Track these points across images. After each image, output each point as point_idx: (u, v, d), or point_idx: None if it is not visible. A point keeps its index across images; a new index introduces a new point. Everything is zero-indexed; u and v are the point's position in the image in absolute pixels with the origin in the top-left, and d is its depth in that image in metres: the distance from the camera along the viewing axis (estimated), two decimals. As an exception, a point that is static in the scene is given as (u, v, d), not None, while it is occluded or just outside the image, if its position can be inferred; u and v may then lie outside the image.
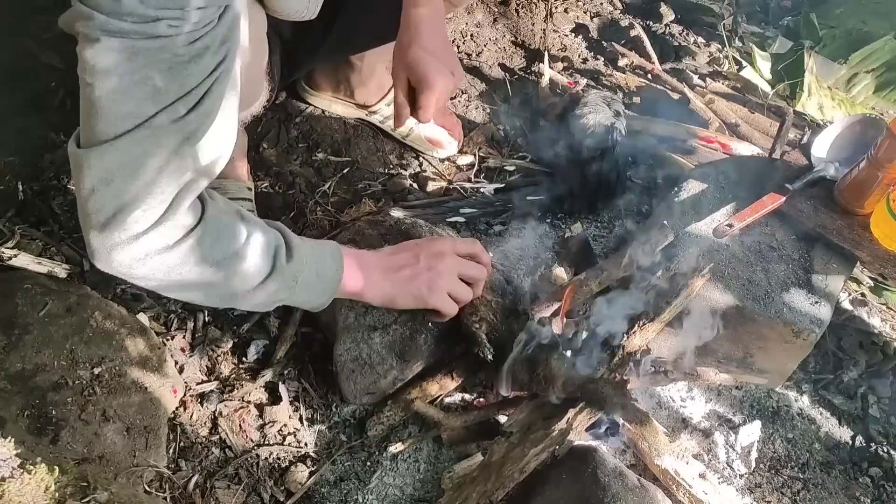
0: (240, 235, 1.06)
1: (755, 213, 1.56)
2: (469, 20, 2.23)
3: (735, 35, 2.52)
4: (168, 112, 0.90)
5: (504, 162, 1.93)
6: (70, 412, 1.23)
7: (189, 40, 0.88)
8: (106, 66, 0.86)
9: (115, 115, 0.88)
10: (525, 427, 1.24)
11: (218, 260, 1.04)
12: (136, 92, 0.88)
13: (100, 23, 0.83)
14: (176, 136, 0.92)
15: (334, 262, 1.20)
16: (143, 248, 0.97)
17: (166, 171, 0.93)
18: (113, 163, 0.90)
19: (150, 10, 0.83)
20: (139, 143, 0.90)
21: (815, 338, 1.47)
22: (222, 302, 1.14)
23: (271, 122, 1.86)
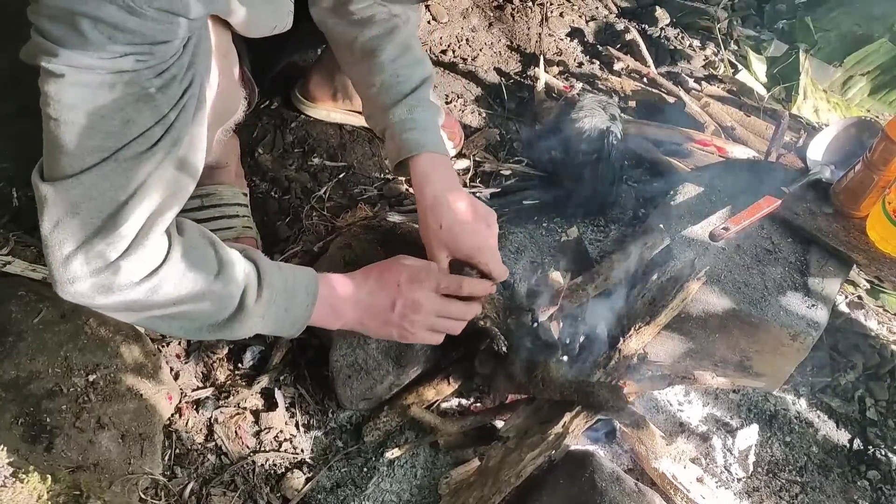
0: (207, 274, 1.03)
1: (751, 216, 1.56)
2: (465, 24, 2.23)
3: (730, 38, 2.52)
4: (136, 144, 0.89)
5: (500, 166, 1.92)
6: (64, 420, 1.22)
7: (156, 72, 0.88)
8: (72, 102, 0.85)
9: (81, 149, 0.88)
10: (521, 432, 1.24)
11: (181, 298, 1.02)
12: (103, 126, 0.88)
13: (64, 58, 0.83)
14: (144, 167, 0.91)
15: (306, 298, 1.17)
16: (106, 282, 0.95)
17: (132, 203, 0.92)
18: (79, 196, 0.89)
19: (118, 46, 0.83)
20: (106, 177, 0.89)
21: (811, 341, 1.47)
22: (186, 335, 1.13)
23: (266, 128, 1.85)
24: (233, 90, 1.24)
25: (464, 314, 1.27)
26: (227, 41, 1.12)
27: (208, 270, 1.03)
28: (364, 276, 1.25)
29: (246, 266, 1.09)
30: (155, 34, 0.85)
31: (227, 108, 1.24)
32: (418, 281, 1.23)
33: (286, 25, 1.16)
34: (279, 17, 1.15)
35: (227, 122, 1.29)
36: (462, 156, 1.93)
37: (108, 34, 0.83)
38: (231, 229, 1.56)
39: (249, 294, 1.08)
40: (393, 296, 1.22)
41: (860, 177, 1.55)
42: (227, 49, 1.13)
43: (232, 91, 1.23)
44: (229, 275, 1.06)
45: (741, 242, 1.57)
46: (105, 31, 0.82)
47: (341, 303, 1.22)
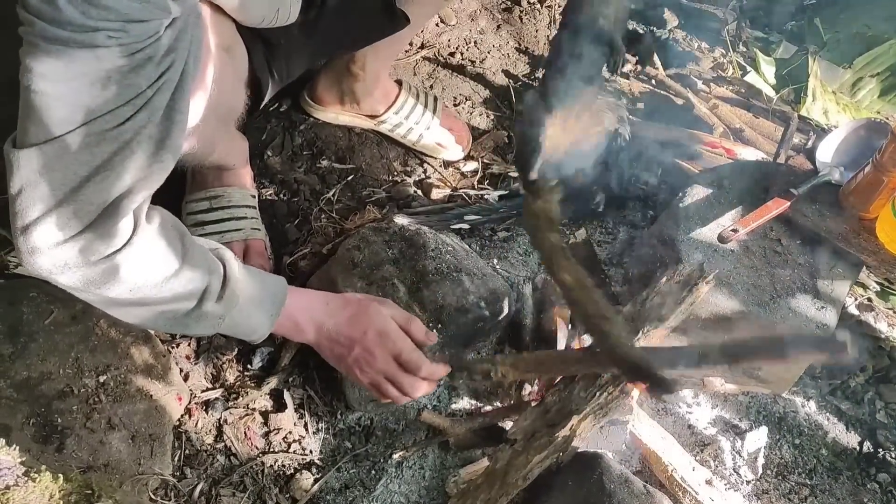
0: (168, 266, 1.03)
1: (760, 217, 1.56)
2: (472, 27, 2.23)
3: (739, 40, 2.51)
4: (102, 121, 0.89)
5: (508, 168, 1.93)
6: (75, 420, 1.23)
7: (130, 52, 0.87)
8: (43, 72, 0.85)
9: (48, 119, 0.88)
10: (529, 434, 1.24)
11: (138, 286, 1.01)
12: (71, 99, 0.87)
13: (39, 29, 0.83)
14: (109, 145, 0.91)
15: (271, 308, 1.18)
16: (63, 256, 0.94)
17: (95, 179, 0.91)
18: (41, 165, 0.89)
19: (91, 21, 0.83)
20: (69, 150, 0.89)
21: (821, 343, 1.46)
22: (142, 324, 1.12)
23: (275, 130, 1.86)
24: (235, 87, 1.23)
25: (411, 391, 1.27)
26: (230, 33, 1.11)
27: (170, 263, 1.03)
28: (339, 306, 1.27)
29: (212, 265, 1.09)
30: (130, 12, 0.84)
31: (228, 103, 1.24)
32: (383, 338, 1.24)
33: (285, 19, 1.15)
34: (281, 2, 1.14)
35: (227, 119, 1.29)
36: (470, 158, 1.94)
37: (82, 9, 0.82)
38: (240, 231, 1.56)
39: (210, 294, 1.07)
40: (355, 339, 1.24)
41: (869, 178, 1.54)
42: (230, 43, 1.13)
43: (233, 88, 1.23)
44: (191, 271, 1.05)
45: (750, 244, 1.57)
46: (79, 5, 0.82)
47: (306, 322, 1.24)
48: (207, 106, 1.07)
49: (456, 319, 1.46)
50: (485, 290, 1.51)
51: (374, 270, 1.50)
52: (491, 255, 1.73)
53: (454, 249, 1.57)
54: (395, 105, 1.83)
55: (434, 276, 1.49)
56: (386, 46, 1.60)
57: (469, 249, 1.64)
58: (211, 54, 1.01)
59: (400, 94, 1.84)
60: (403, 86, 1.86)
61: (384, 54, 1.73)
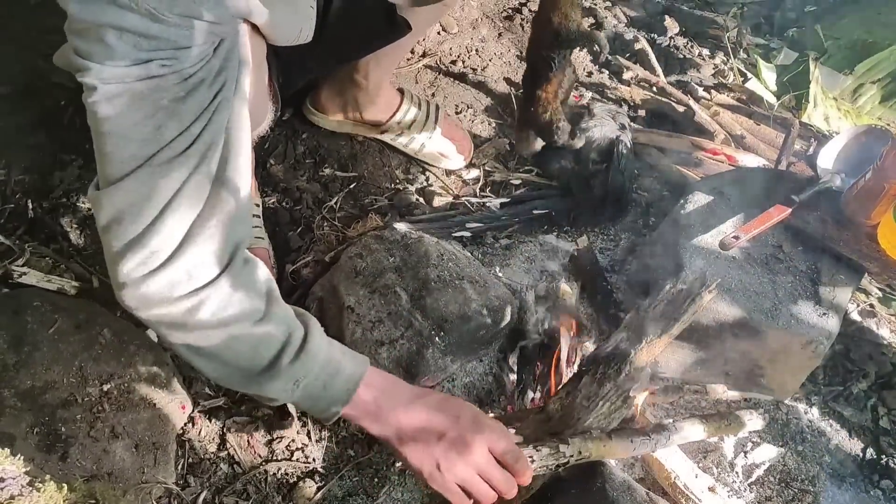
0: (250, 313, 0.99)
1: (761, 224, 1.56)
2: (474, 35, 2.24)
3: (740, 47, 2.52)
4: (168, 149, 0.90)
5: (510, 176, 1.93)
6: (79, 429, 1.24)
7: (183, 77, 0.89)
8: (107, 114, 0.87)
9: (119, 158, 0.90)
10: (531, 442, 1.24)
11: (216, 331, 0.97)
12: (136, 134, 0.89)
13: (95, 72, 0.85)
14: (179, 172, 0.91)
15: (348, 382, 1.07)
16: (148, 291, 0.93)
17: (172, 208, 0.92)
18: (121, 202, 0.91)
19: (143, 54, 0.85)
20: (143, 183, 0.90)
21: (823, 349, 1.47)
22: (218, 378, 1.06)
23: (278, 139, 1.87)
24: (262, 101, 1.25)
25: (505, 489, 1.09)
26: (262, 50, 1.13)
27: (253, 310, 0.99)
28: (426, 392, 1.14)
29: (294, 324, 1.04)
30: (178, 39, 0.87)
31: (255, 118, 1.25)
32: (480, 425, 1.09)
33: (306, 38, 1.17)
34: (302, 20, 1.15)
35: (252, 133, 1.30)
36: (472, 166, 1.94)
37: (133, 42, 0.84)
38: (243, 240, 1.57)
39: (287, 352, 1.02)
40: (447, 426, 1.08)
41: (871, 185, 1.54)
42: (261, 60, 1.15)
43: (261, 102, 1.25)
44: (272, 324, 1.01)
45: (751, 251, 1.57)
46: (130, 39, 0.84)
47: (387, 402, 1.09)
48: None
49: (458, 327, 1.46)
50: (487, 297, 1.51)
51: (376, 278, 1.50)
52: (493, 262, 1.73)
53: (456, 257, 1.57)
54: (398, 114, 1.84)
55: (436, 284, 1.49)
56: (388, 55, 1.61)
57: (471, 257, 1.64)
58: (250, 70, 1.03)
59: (402, 102, 1.85)
60: (406, 95, 1.87)
61: (386, 63, 1.74)
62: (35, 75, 1.77)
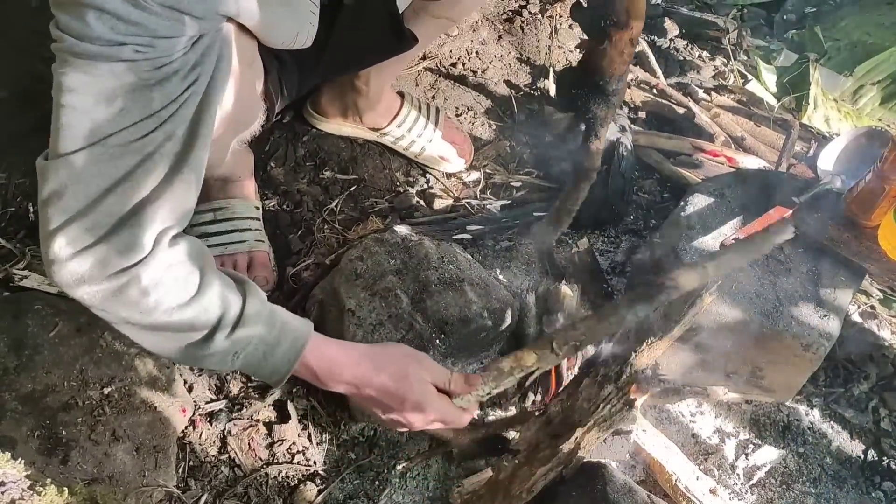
0: (182, 292, 0.99)
1: (761, 226, 1.56)
2: (474, 37, 2.24)
3: (740, 49, 2.52)
4: (126, 133, 0.90)
5: (510, 178, 1.93)
6: (80, 432, 1.24)
7: (155, 65, 0.89)
8: (71, 86, 0.88)
9: (74, 131, 0.90)
10: (532, 445, 1.24)
11: (150, 308, 0.98)
12: (97, 112, 0.89)
13: (68, 45, 0.86)
14: (132, 157, 0.91)
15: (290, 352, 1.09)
16: (80, 268, 0.93)
17: (115, 191, 0.92)
18: (66, 176, 0.90)
19: (119, 36, 0.85)
20: (93, 161, 0.90)
21: (824, 351, 1.47)
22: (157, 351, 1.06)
23: (279, 142, 1.87)
24: (252, 101, 1.25)
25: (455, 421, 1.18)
26: (252, 50, 1.13)
27: (185, 289, 0.99)
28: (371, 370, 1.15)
29: (229, 300, 1.04)
30: (158, 28, 0.87)
31: (244, 118, 1.25)
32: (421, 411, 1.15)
33: (304, 43, 1.17)
34: (300, 24, 1.15)
35: (242, 133, 1.30)
36: (473, 168, 1.94)
37: (111, 24, 0.85)
38: (243, 243, 1.57)
39: (221, 328, 1.02)
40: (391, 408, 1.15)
41: (871, 186, 1.54)
42: (251, 59, 1.15)
43: (251, 102, 1.24)
44: (205, 301, 1.01)
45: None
46: (108, 21, 0.84)
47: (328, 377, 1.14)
48: (225, 119, 1.09)
49: (459, 330, 1.46)
50: (488, 300, 1.51)
51: (377, 281, 1.50)
52: (493, 265, 1.73)
53: (457, 259, 1.57)
54: (398, 118, 1.84)
55: (437, 287, 1.49)
56: (390, 63, 1.61)
57: (472, 259, 1.64)
58: (233, 70, 1.03)
59: (402, 107, 1.85)
60: (406, 98, 1.87)
61: (388, 70, 1.74)
62: (35, 79, 1.76)
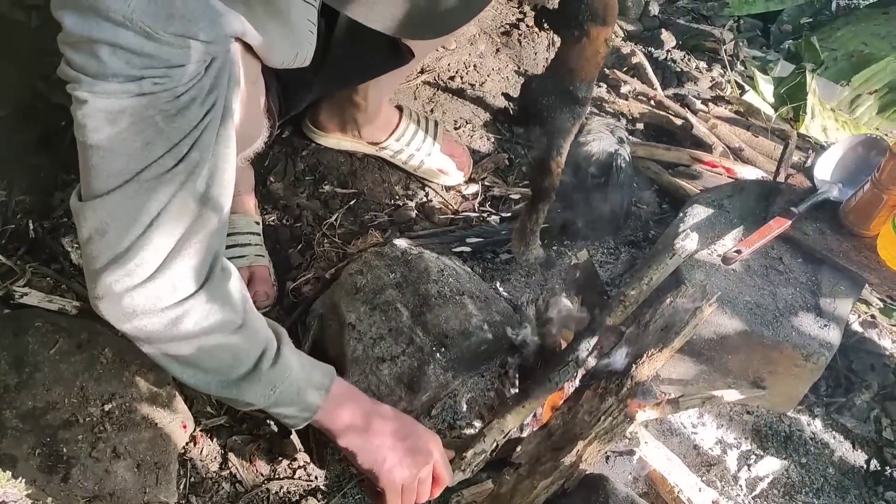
0: (231, 322, 1.02)
1: (762, 237, 1.56)
2: (472, 51, 2.25)
3: (737, 59, 2.53)
4: (156, 166, 0.91)
5: (509, 190, 1.94)
6: (81, 450, 1.24)
7: (174, 95, 0.90)
8: (95, 126, 0.88)
9: (106, 172, 0.91)
10: (534, 459, 1.24)
11: (199, 340, 1.00)
12: (125, 149, 0.90)
13: (86, 84, 0.86)
14: (166, 188, 0.93)
15: (318, 391, 1.13)
16: (131, 303, 0.95)
17: (158, 223, 0.93)
18: (106, 216, 0.92)
19: (135, 70, 0.86)
20: (130, 198, 0.91)
21: (824, 361, 1.47)
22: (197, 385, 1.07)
23: (278, 156, 1.88)
24: (256, 118, 1.26)
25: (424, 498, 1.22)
26: (256, 69, 1.15)
27: (233, 320, 1.02)
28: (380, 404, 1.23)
29: (268, 332, 1.08)
30: (171, 58, 0.87)
31: (249, 135, 1.26)
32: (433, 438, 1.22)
33: (303, 62, 1.18)
34: (299, 44, 1.16)
35: (247, 150, 1.31)
36: (471, 181, 1.95)
37: (126, 59, 0.85)
38: (244, 258, 1.57)
39: (267, 356, 1.06)
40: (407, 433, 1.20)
41: (869, 196, 1.55)
42: (255, 77, 1.16)
43: (256, 119, 1.25)
44: (252, 331, 1.05)
45: (751, 263, 1.57)
46: (123, 56, 0.85)
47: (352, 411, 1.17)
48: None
49: (459, 343, 1.46)
50: (488, 312, 1.52)
51: (377, 295, 1.50)
52: (493, 277, 1.73)
53: (457, 272, 1.57)
54: (397, 132, 1.85)
55: (437, 300, 1.50)
56: (388, 78, 1.62)
57: (471, 272, 1.64)
58: (241, 88, 1.04)
59: (401, 121, 1.86)
60: (404, 112, 1.88)
61: (386, 84, 1.74)
62: (35, 96, 1.77)
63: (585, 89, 1.18)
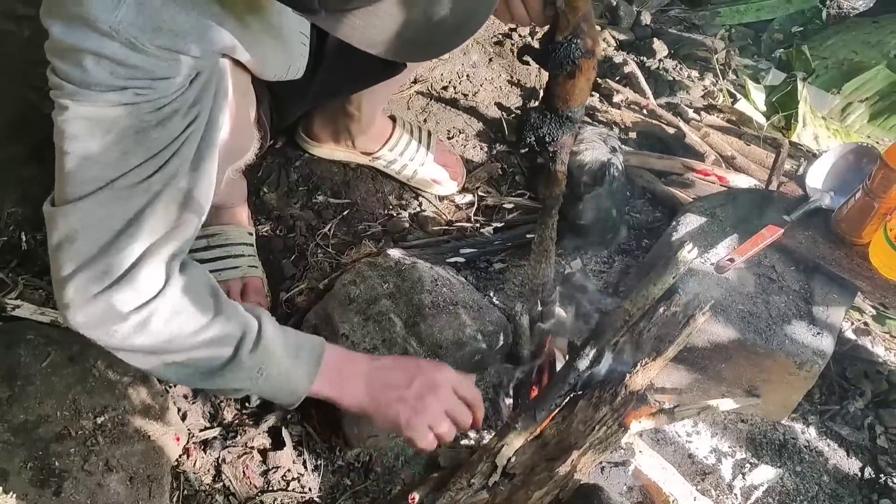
0: (201, 316, 1.02)
1: (755, 245, 1.57)
2: (465, 61, 2.26)
3: (728, 68, 2.55)
4: (132, 174, 0.91)
5: (502, 200, 1.94)
6: (73, 463, 1.23)
7: (156, 106, 0.90)
8: (74, 133, 0.88)
9: (81, 178, 0.91)
10: (528, 469, 1.23)
11: (171, 337, 1.00)
12: (102, 157, 0.90)
13: (69, 92, 0.86)
14: (140, 197, 0.93)
15: (309, 363, 1.13)
16: (97, 310, 0.95)
17: (128, 232, 0.93)
18: (76, 222, 0.92)
19: (119, 81, 0.86)
20: (102, 205, 0.92)
21: (818, 369, 1.47)
22: (179, 380, 1.09)
23: (271, 167, 1.87)
24: (246, 130, 1.26)
25: (465, 421, 1.22)
26: (245, 81, 1.15)
27: (203, 312, 1.02)
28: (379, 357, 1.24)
29: (246, 318, 1.07)
30: (156, 70, 0.88)
31: (239, 147, 1.26)
32: (439, 367, 1.23)
33: (296, 74, 1.19)
34: (292, 58, 1.17)
35: (237, 162, 1.31)
36: (465, 191, 1.95)
37: (110, 69, 0.86)
38: (237, 269, 1.57)
39: (245, 344, 1.05)
40: (412, 374, 1.19)
41: (861, 204, 1.55)
42: (245, 89, 1.16)
43: (245, 131, 1.26)
44: (226, 321, 1.04)
45: (744, 272, 1.57)
46: (107, 66, 0.85)
47: (351, 374, 1.17)
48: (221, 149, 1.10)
49: (453, 353, 1.46)
50: (482, 322, 1.51)
51: (370, 305, 1.50)
52: (487, 287, 1.73)
53: (450, 282, 1.57)
54: (390, 142, 1.85)
55: (431, 310, 1.49)
56: (381, 87, 1.62)
57: (465, 282, 1.64)
58: (229, 101, 1.04)
59: (394, 131, 1.86)
60: (398, 122, 1.88)
61: (379, 94, 1.75)
62: (27, 107, 1.77)
63: (579, 111, 1.23)
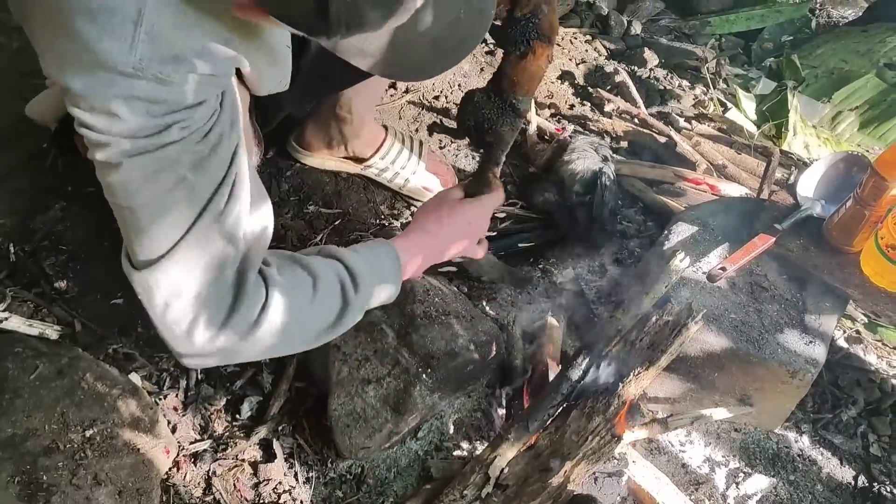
0: (306, 288, 1.06)
1: (747, 254, 1.57)
2: (456, 70, 2.26)
3: (719, 77, 2.56)
4: (210, 211, 0.92)
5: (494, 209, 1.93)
6: (61, 477, 1.21)
7: (202, 134, 0.91)
8: (135, 188, 0.88)
9: (160, 231, 0.91)
10: (521, 480, 1.23)
11: (291, 319, 1.04)
12: (172, 200, 0.90)
13: (115, 146, 0.85)
14: (223, 228, 0.94)
15: (394, 269, 1.20)
16: (228, 342, 0.98)
17: (224, 262, 0.95)
18: (177, 275, 0.93)
19: (158, 119, 0.86)
20: (192, 248, 0.92)
21: (811, 378, 1.47)
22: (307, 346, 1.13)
23: (262, 177, 1.86)
24: (250, 145, 1.28)
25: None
26: (247, 96, 1.16)
27: (306, 289, 1.06)
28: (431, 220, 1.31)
29: (333, 266, 1.11)
30: (187, 98, 0.88)
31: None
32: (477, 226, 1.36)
33: (284, 87, 1.20)
34: (283, 72, 1.19)
35: None
36: (457, 199, 1.94)
37: (146, 108, 0.85)
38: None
39: (348, 290, 1.10)
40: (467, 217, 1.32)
41: (852, 213, 1.56)
42: (248, 105, 1.17)
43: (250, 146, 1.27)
44: (325, 283, 1.08)
45: (736, 280, 1.58)
46: (142, 107, 0.85)
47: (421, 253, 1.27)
48: None
49: (445, 364, 1.45)
50: (474, 332, 1.51)
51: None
52: (479, 296, 1.73)
53: (442, 292, 1.57)
54: (382, 150, 1.85)
55: (423, 320, 1.49)
56: (368, 86, 1.62)
57: (457, 292, 1.64)
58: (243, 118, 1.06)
59: (386, 138, 1.86)
60: (389, 131, 1.88)
61: (368, 94, 1.74)
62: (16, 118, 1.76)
63: (526, 102, 1.25)
